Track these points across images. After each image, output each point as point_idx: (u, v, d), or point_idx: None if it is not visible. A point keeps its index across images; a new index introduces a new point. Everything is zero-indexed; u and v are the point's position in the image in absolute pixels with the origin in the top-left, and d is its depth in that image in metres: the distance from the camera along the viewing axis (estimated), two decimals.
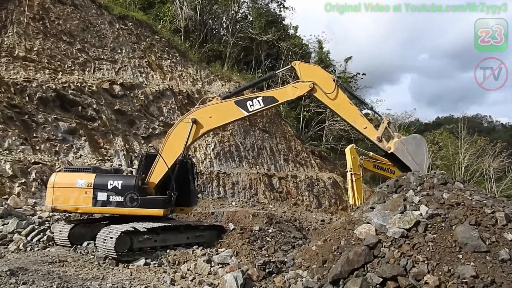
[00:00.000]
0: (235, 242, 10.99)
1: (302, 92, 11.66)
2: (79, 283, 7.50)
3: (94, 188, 10.52)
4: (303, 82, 11.67)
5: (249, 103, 11.42)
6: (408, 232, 7.59)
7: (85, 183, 10.55)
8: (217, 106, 11.68)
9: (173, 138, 11.29)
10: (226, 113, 11.54)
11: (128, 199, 10.63)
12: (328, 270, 7.56)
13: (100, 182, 10.64)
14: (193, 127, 11.14)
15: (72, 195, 10.55)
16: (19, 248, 10.34)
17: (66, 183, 10.65)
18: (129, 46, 24.83)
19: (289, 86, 12.07)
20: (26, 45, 19.55)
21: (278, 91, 12.36)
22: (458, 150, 42.60)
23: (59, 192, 10.54)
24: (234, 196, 23.19)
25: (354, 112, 11.75)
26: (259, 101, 11.43)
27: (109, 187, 10.57)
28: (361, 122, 11.68)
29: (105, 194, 10.54)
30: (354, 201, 15.06)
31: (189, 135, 11.13)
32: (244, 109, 11.36)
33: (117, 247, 9.37)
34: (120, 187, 10.62)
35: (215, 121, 11.56)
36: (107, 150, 19.42)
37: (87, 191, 10.51)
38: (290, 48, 36.29)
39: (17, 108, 17.28)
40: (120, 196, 10.58)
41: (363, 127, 11.58)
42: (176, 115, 23.82)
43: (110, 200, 10.55)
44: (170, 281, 8.10)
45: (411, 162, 10.73)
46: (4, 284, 7.00)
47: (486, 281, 6.37)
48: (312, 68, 12.24)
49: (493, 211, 7.70)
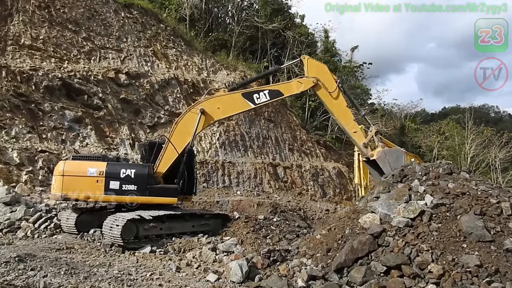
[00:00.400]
0: (240, 231, 11.06)
1: (306, 87, 12.14)
2: (86, 270, 7.59)
3: (106, 177, 10.46)
4: (307, 77, 12.12)
5: (256, 95, 11.70)
6: (413, 221, 7.62)
7: (97, 172, 10.48)
8: (225, 97, 11.86)
9: (181, 127, 11.34)
10: (233, 104, 11.76)
11: (142, 187, 10.66)
12: (332, 258, 7.62)
13: (112, 170, 10.59)
14: (201, 117, 11.27)
15: (83, 183, 10.41)
16: (27, 235, 10.48)
17: (76, 172, 10.51)
18: (135, 35, 24.78)
19: (294, 80, 12.48)
20: (32, 33, 19.58)
21: (284, 85, 12.77)
22: (464, 140, 42.38)
23: (69, 181, 10.37)
24: (239, 185, 23.28)
25: (348, 115, 12.42)
26: (265, 94, 11.76)
27: (122, 175, 10.55)
28: (352, 125, 12.34)
29: (117, 182, 10.50)
30: (360, 180, 15.36)
31: (197, 125, 11.25)
32: (251, 101, 11.62)
33: (123, 235, 9.41)
34: (133, 175, 10.62)
35: (222, 112, 11.74)
36: (113, 139, 19.52)
37: (98, 180, 10.44)
38: (296, 37, 35.99)
39: (24, 97, 17.38)
40: (133, 184, 10.59)
41: (353, 131, 12.25)
42: (181, 104, 23.84)
43: (123, 189, 10.53)
44: (176, 269, 8.18)
45: (389, 171, 11.02)
46: (13, 270, 7.10)
47: (490, 270, 6.41)
48: (319, 66, 12.59)
49: (498, 201, 7.71)
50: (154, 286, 6.98)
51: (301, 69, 12.56)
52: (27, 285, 6.37)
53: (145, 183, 10.72)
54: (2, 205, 11.95)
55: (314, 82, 12.03)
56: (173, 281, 7.34)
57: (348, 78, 41.86)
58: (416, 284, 6.51)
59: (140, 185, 10.67)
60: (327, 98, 12.24)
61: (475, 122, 43.79)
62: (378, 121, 38.44)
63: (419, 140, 46.63)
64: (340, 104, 12.37)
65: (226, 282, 7.45)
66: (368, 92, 45.86)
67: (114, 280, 7.10)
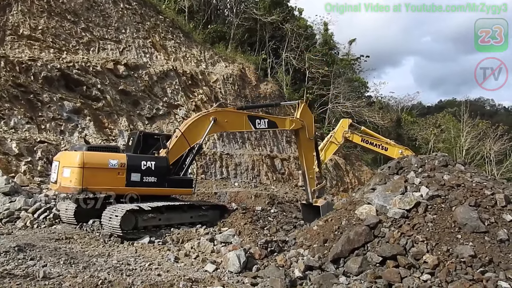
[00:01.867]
0: (237, 222, 11.13)
1: (295, 127, 14.00)
2: (85, 260, 7.65)
3: (127, 169, 10.41)
4: (298, 119, 13.99)
5: (258, 121, 13.24)
6: (408, 212, 7.73)
7: (118, 163, 10.33)
8: (234, 114, 13.08)
9: (193, 127, 11.96)
10: (239, 123, 13.05)
11: (162, 179, 10.96)
12: (329, 249, 7.72)
13: (133, 162, 10.61)
14: (213, 125, 12.08)
15: (104, 176, 10.18)
16: (26, 225, 10.53)
17: (97, 163, 10.17)
18: (133, 26, 24.70)
19: (288, 118, 14.42)
20: (30, 23, 19.51)
21: (280, 119, 14.59)
22: (460, 133, 42.60)
23: (90, 173, 9.95)
24: (236, 177, 23.38)
25: (312, 161, 14.56)
26: (265, 122, 13.41)
27: (143, 167, 10.67)
28: (312, 171, 14.41)
29: (138, 175, 10.58)
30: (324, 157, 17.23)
31: (208, 131, 12.13)
32: (253, 124, 13.11)
33: (123, 225, 9.45)
34: (154, 167, 10.81)
35: (229, 126, 13.02)
36: (111, 130, 19.55)
37: (120, 172, 10.34)
38: (295, 29, 35.95)
39: (22, 87, 17.36)
40: (153, 176, 10.79)
41: (310, 176, 14.23)
42: (179, 96, 23.86)
43: (144, 181, 10.66)
44: (174, 259, 8.26)
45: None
46: (12, 260, 7.15)
47: (484, 261, 6.51)
48: (309, 114, 14.72)
49: (493, 193, 7.82)
50: (152, 275, 7.04)
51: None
52: (26, 274, 6.42)
53: (165, 174, 11.02)
54: (1, 195, 12.00)
55: (302, 125, 13.99)
56: (171, 271, 7.41)
57: (346, 71, 41.88)
58: (412, 274, 6.62)
59: (160, 177, 10.92)
60: (304, 141, 14.25)
61: (470, 115, 43.96)
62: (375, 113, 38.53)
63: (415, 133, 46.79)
64: (311, 151, 14.50)
65: (224, 272, 7.52)
66: (365, 85, 45.94)
67: (113, 269, 7.15)
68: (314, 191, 14.24)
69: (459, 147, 41.68)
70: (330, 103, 37.31)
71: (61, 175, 10.42)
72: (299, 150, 15.01)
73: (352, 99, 37.36)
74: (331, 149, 17.79)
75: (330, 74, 37.29)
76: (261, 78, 32.40)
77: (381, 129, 40.23)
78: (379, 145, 17.81)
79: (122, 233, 9.49)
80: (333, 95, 37.48)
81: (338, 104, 37.04)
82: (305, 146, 14.36)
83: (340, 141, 17.74)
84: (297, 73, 37.47)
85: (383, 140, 18.32)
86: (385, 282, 6.62)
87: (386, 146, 17.76)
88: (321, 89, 36.81)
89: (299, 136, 14.30)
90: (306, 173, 14.21)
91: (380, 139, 18.41)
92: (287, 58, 35.88)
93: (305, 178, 14.31)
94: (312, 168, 14.44)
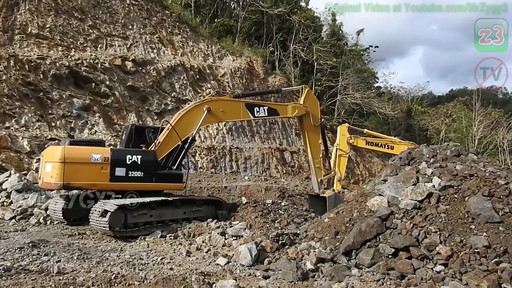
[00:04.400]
0: (248, 215, 11.13)
1: (299, 114, 13.42)
2: (98, 255, 7.72)
3: (111, 164, 9.93)
4: (302, 105, 13.41)
5: (256, 109, 12.58)
6: (421, 203, 7.65)
7: (101, 158, 9.82)
8: (230, 103, 12.49)
9: (185, 119, 11.49)
10: (236, 112, 12.44)
11: (149, 174, 10.46)
12: (341, 241, 7.68)
13: (118, 156, 10.11)
14: (207, 115, 11.56)
15: (86, 171, 9.71)
16: (39, 221, 10.67)
17: (79, 158, 9.71)
18: (140, 22, 24.73)
19: (290, 105, 13.69)
20: (38, 22, 19.61)
21: (281, 106, 14.03)
22: (472, 122, 42.10)
23: (71, 168, 9.50)
24: (246, 170, 23.39)
25: (318, 149, 13.86)
26: (265, 110, 12.74)
27: (128, 162, 10.17)
28: (318, 160, 13.81)
29: (123, 169, 10.09)
30: (334, 169, 16.39)
31: (202, 121, 11.59)
32: (251, 113, 12.49)
33: (111, 223, 9.01)
34: (140, 162, 10.31)
35: (225, 116, 12.40)
36: (121, 126, 19.62)
37: (103, 166, 9.84)
38: (302, 21, 35.70)
39: (32, 86, 17.50)
40: (139, 171, 10.31)
41: (317, 166, 13.73)
42: (188, 90, 23.87)
43: (129, 176, 10.17)
44: (186, 253, 8.29)
45: (328, 207, 12.29)
46: (27, 255, 7.26)
47: (498, 251, 6.43)
48: (314, 100, 14.06)
49: (506, 182, 7.69)
50: (165, 269, 7.08)
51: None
52: (41, 269, 6.51)
53: (152, 169, 10.52)
54: (14, 192, 12.17)
55: (306, 111, 13.39)
56: (183, 265, 7.45)
57: (354, 61, 41.57)
58: (425, 266, 6.56)
59: (147, 171, 10.44)
60: (309, 128, 13.62)
61: (482, 104, 43.36)
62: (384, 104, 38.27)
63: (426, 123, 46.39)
64: (317, 139, 13.80)
65: (236, 265, 7.54)
66: (374, 76, 45.60)
67: (126, 264, 7.22)
68: (321, 181, 13.85)
69: (471, 136, 41.22)
70: (339, 94, 37.11)
71: (44, 171, 10.16)
72: (304, 138, 14.22)
73: (361, 90, 37.11)
74: (342, 163, 17.09)
75: (338, 66, 37.01)
76: (269, 71, 32.27)
77: (391, 120, 39.97)
78: (385, 145, 17.49)
79: (111, 231, 9.11)
80: (342, 87, 37.25)
81: (347, 96, 36.84)
82: (310, 134, 13.70)
83: (347, 150, 17.17)
84: (305, 65, 37.26)
85: (387, 139, 17.87)
86: (397, 273, 6.57)
87: (392, 144, 17.38)
88: (329, 81, 36.63)
89: (303, 123, 13.69)
90: (312, 162, 13.72)
91: (384, 139, 18.06)
92: (295, 50, 35.67)
93: (311, 168, 13.90)
94: (319, 157, 13.83)
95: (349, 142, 17.09)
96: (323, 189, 13.76)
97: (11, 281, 5.75)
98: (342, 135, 17.21)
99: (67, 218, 10.49)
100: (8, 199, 12.09)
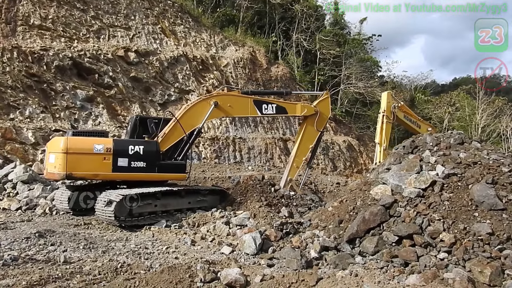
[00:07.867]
0: (252, 205, 11.20)
1: (308, 113, 13.55)
2: (104, 244, 7.81)
3: (113, 154, 10.05)
4: (311, 105, 13.62)
5: (264, 106, 12.71)
6: (424, 191, 7.67)
7: (104, 148, 9.94)
8: (239, 98, 12.53)
9: (192, 112, 11.58)
10: (243, 108, 12.53)
11: (151, 164, 10.51)
12: (344, 229, 7.73)
13: (120, 147, 10.18)
14: (214, 109, 11.68)
15: (89, 161, 9.82)
16: (45, 212, 10.74)
17: (82, 149, 9.82)
18: (142, 12, 24.63)
19: (299, 104, 13.78)
20: (41, 13, 19.57)
21: (290, 105, 13.92)
22: (475, 110, 41.90)
23: (74, 159, 9.63)
24: (250, 160, 23.43)
25: (305, 151, 13.88)
26: (273, 107, 12.86)
27: (130, 152, 10.25)
28: (299, 161, 13.86)
29: (126, 159, 10.18)
30: (381, 140, 15.76)
31: (209, 115, 11.73)
32: (259, 109, 12.62)
33: (117, 213, 9.14)
34: (142, 152, 10.39)
35: (232, 111, 12.48)
36: (124, 117, 19.67)
37: (105, 157, 9.94)
38: (305, 10, 35.47)
39: (36, 77, 17.53)
40: (142, 161, 10.38)
41: (296, 165, 13.80)
42: (191, 81, 23.84)
43: (131, 166, 10.28)
44: (191, 242, 8.37)
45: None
46: (34, 245, 7.34)
47: (502, 238, 6.45)
48: (328, 107, 14.16)
49: (510, 170, 7.70)
50: (170, 259, 7.16)
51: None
52: (48, 259, 6.59)
53: (154, 159, 10.59)
54: (20, 183, 12.25)
55: (315, 112, 13.55)
56: (188, 254, 7.53)
57: (357, 51, 41.29)
58: (428, 253, 6.59)
59: (150, 162, 10.50)
60: (309, 129, 13.76)
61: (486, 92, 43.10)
62: None
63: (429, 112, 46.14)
64: (310, 142, 13.89)
65: (240, 254, 7.61)
66: (377, 65, 45.32)
67: (132, 253, 7.30)
68: (291, 180, 13.71)
69: (475, 125, 41.04)
70: (342, 84, 36.92)
71: (48, 161, 10.33)
72: (298, 134, 14.30)
73: (364, 80, 36.85)
74: (387, 130, 15.99)
75: (341, 55, 36.77)
76: (272, 61, 32.14)
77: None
78: (415, 122, 17.16)
79: (117, 221, 9.23)
80: (345, 76, 37.04)
81: (350, 85, 36.64)
82: (308, 134, 13.81)
83: (392, 118, 16.15)
84: (308, 55, 37.05)
85: (416, 118, 17.65)
86: (401, 261, 6.62)
87: (420, 123, 17.22)
88: (332, 70, 36.41)
89: (306, 121, 13.72)
90: (292, 159, 13.79)
91: (415, 116, 17.71)
92: (297, 39, 35.44)
93: (288, 163, 13.92)
94: (301, 159, 13.86)
95: (393, 111, 16.15)
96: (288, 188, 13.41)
97: (19, 270, 5.84)
98: (388, 103, 16.22)
99: (72, 208, 10.59)
100: (14, 190, 12.17)
